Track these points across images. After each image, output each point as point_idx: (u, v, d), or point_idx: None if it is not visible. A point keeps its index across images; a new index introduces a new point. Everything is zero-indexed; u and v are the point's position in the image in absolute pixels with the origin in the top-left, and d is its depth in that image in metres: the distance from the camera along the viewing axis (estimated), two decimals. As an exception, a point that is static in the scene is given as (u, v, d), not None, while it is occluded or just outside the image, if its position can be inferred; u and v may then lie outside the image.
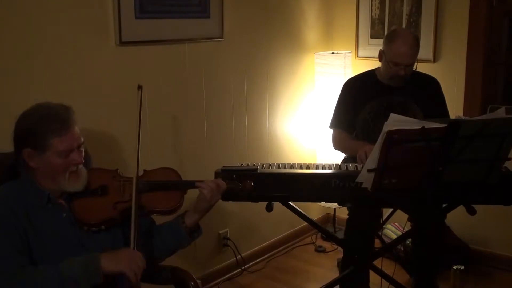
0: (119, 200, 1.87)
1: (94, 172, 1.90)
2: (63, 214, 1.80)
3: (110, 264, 1.67)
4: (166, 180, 1.98)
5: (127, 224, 1.88)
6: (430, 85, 2.83)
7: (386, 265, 2.70)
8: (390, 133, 1.92)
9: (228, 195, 2.04)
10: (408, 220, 2.84)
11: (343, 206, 3.25)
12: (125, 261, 1.69)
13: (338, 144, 2.89)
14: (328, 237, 3.45)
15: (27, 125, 1.75)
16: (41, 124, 1.73)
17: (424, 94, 2.77)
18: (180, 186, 1.97)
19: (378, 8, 3.66)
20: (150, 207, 1.90)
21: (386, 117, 2.67)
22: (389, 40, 2.71)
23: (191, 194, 2.00)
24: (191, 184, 1.96)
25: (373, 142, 2.55)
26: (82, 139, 1.82)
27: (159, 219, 2.05)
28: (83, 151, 1.84)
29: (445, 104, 2.84)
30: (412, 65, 2.69)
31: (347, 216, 2.78)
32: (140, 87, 1.98)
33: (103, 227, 1.82)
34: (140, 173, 1.96)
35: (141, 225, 1.88)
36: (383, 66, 2.78)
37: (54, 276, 1.62)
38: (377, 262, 2.71)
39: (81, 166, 1.82)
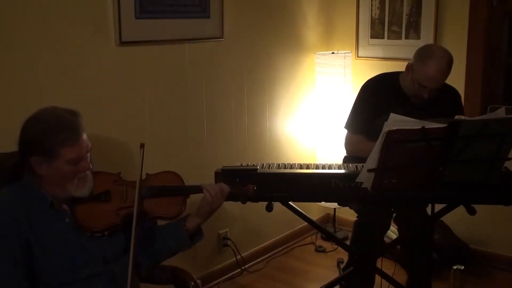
0: (122, 206, 1.85)
1: (96, 176, 1.87)
2: (65, 219, 1.79)
3: None
4: (168, 185, 1.95)
5: (129, 226, 1.88)
6: (452, 98, 2.73)
7: (386, 265, 2.71)
8: (390, 133, 1.92)
9: (229, 196, 2.03)
10: (393, 220, 2.83)
11: (343, 206, 3.25)
12: None
13: (356, 149, 2.74)
14: (328, 237, 3.45)
15: (36, 133, 1.71)
16: (51, 134, 1.69)
17: (445, 108, 2.60)
18: (183, 191, 1.95)
19: (378, 8, 3.66)
20: (153, 213, 1.89)
21: None
22: (422, 59, 2.54)
23: (194, 197, 1.99)
24: (194, 189, 1.95)
25: None
26: (90, 145, 1.80)
27: (160, 222, 2.04)
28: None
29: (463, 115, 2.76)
30: (438, 88, 2.57)
31: (356, 218, 2.76)
32: (142, 145, 1.92)
33: (106, 233, 1.81)
34: (143, 176, 1.94)
35: (142, 228, 1.88)
36: (408, 81, 2.62)
37: None
38: (377, 262, 2.71)
39: (88, 171, 1.80)
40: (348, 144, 2.82)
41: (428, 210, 2.59)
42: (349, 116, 2.82)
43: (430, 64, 2.49)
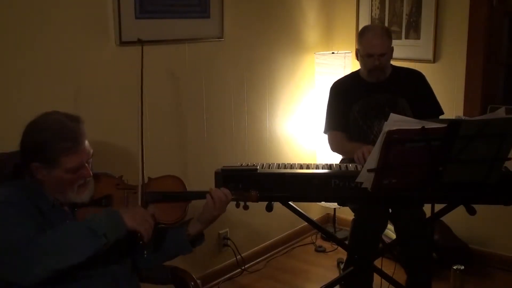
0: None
1: (99, 179, 1.86)
2: (66, 220, 1.78)
3: (128, 220, 1.67)
4: (170, 191, 1.93)
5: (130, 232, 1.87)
6: (415, 78, 2.84)
7: (386, 265, 2.71)
8: (390, 133, 1.92)
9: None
10: (390, 220, 2.84)
11: (343, 206, 3.25)
12: (140, 219, 1.69)
13: (336, 147, 2.88)
14: (328, 237, 3.45)
15: (37, 140, 1.71)
16: (52, 142, 1.69)
17: (410, 88, 2.78)
18: (186, 197, 1.94)
19: (378, 8, 3.66)
20: (155, 219, 1.88)
21: (375, 116, 2.74)
22: (360, 35, 2.78)
23: (196, 202, 1.97)
24: (196, 195, 1.94)
25: (364, 141, 2.59)
26: (92, 151, 1.79)
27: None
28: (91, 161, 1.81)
29: (433, 95, 2.84)
30: (386, 55, 2.72)
31: (353, 217, 2.77)
32: (140, 41, 1.87)
33: None
34: (145, 180, 1.93)
35: None
36: (360, 63, 2.82)
37: (83, 230, 1.60)
38: (377, 262, 2.71)
39: (89, 178, 1.79)
40: (330, 144, 2.91)
41: (428, 210, 2.59)
42: (325, 116, 2.93)
43: (367, 34, 2.74)
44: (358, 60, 2.83)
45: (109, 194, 1.85)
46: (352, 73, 2.97)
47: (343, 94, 2.86)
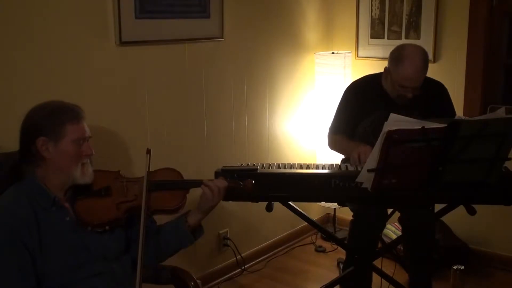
0: (123, 200, 1.87)
1: (96, 173, 1.90)
2: (66, 217, 1.80)
3: None
4: (169, 179, 1.98)
5: (130, 225, 1.89)
6: (437, 93, 2.71)
7: (386, 265, 2.71)
8: (390, 133, 1.92)
9: (228, 195, 2.04)
10: (398, 220, 2.84)
11: (343, 206, 3.25)
12: None
13: (334, 146, 2.82)
14: (328, 237, 3.45)
15: (42, 115, 1.78)
16: (57, 113, 1.78)
17: (430, 104, 2.62)
18: (183, 185, 1.97)
19: (378, 8, 3.66)
20: (154, 206, 1.91)
21: None
22: (396, 60, 2.54)
23: (194, 194, 2.00)
24: (194, 184, 1.97)
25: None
26: (91, 134, 1.86)
27: (160, 219, 2.05)
28: None
29: (454, 110, 2.74)
30: (420, 85, 2.55)
31: (351, 218, 2.77)
32: (148, 151, 1.95)
33: (107, 227, 1.83)
34: (144, 174, 1.94)
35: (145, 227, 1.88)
36: (389, 85, 2.62)
37: None
38: (377, 262, 2.71)
39: (89, 160, 1.85)
40: (329, 143, 2.85)
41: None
42: (333, 117, 2.84)
43: (406, 65, 2.49)
44: (385, 77, 2.64)
45: (108, 185, 1.89)
46: (372, 77, 2.78)
47: (358, 100, 2.72)
